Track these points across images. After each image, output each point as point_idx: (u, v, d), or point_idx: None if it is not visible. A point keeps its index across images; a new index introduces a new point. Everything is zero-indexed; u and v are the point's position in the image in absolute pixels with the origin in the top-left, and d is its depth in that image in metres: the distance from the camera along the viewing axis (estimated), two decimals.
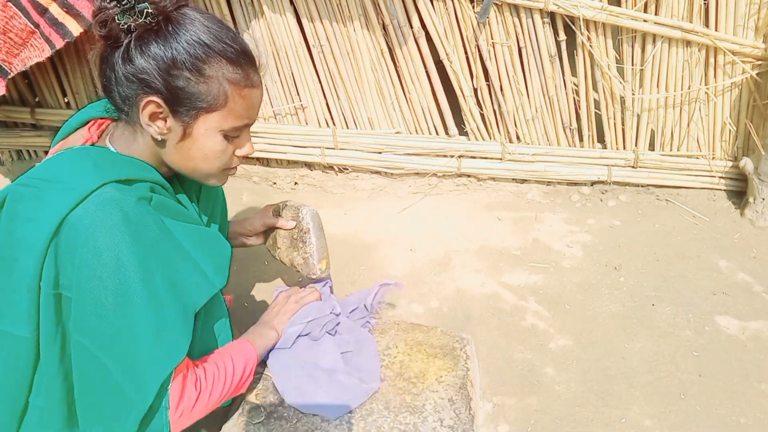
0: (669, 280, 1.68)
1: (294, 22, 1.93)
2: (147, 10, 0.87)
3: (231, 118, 0.96)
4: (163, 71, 0.89)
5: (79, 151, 0.95)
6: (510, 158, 2.02)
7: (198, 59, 0.90)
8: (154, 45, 0.89)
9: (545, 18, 1.82)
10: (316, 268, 1.33)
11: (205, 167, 1.01)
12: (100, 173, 0.89)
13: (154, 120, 0.93)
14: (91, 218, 0.85)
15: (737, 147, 1.96)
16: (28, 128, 2.22)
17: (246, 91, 0.96)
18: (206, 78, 0.91)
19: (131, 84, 0.91)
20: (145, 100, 0.91)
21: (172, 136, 0.96)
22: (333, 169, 2.13)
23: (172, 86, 0.90)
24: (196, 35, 0.90)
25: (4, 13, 1.62)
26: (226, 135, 0.98)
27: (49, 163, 0.93)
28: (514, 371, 1.41)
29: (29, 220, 0.87)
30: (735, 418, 1.29)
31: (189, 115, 0.93)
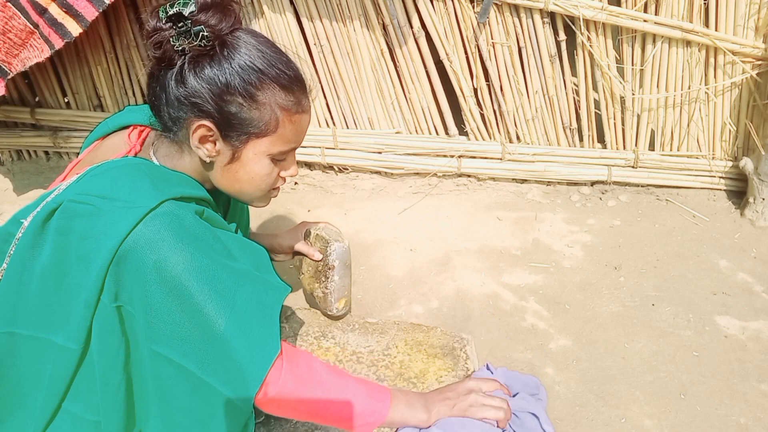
0: (669, 280, 1.68)
1: (294, 22, 1.93)
2: (203, 33, 0.87)
3: (280, 143, 0.97)
4: (216, 96, 0.90)
5: (133, 167, 0.94)
6: (510, 158, 2.02)
7: (251, 85, 0.91)
8: (209, 69, 0.89)
9: (545, 18, 1.82)
10: (333, 306, 1.34)
11: (251, 190, 1.01)
12: (159, 191, 0.89)
13: (203, 143, 0.94)
14: (155, 234, 0.85)
15: (737, 147, 1.96)
16: (28, 128, 2.22)
17: (296, 117, 0.96)
18: (259, 104, 0.92)
19: (182, 106, 0.91)
20: (197, 123, 0.92)
21: (221, 159, 0.97)
22: (333, 169, 2.13)
23: (224, 111, 0.91)
24: (251, 60, 0.91)
25: (4, 14, 1.62)
26: (274, 159, 0.98)
27: (102, 179, 0.92)
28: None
29: (85, 237, 0.86)
30: (735, 418, 1.29)
31: (239, 140, 0.94)
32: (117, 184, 0.90)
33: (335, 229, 1.36)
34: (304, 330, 1.37)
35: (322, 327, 1.38)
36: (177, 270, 0.85)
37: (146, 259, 0.84)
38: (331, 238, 1.31)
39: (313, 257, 1.33)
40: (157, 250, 0.84)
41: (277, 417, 1.14)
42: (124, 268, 0.85)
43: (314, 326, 1.38)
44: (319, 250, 1.32)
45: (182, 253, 0.86)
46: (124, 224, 0.84)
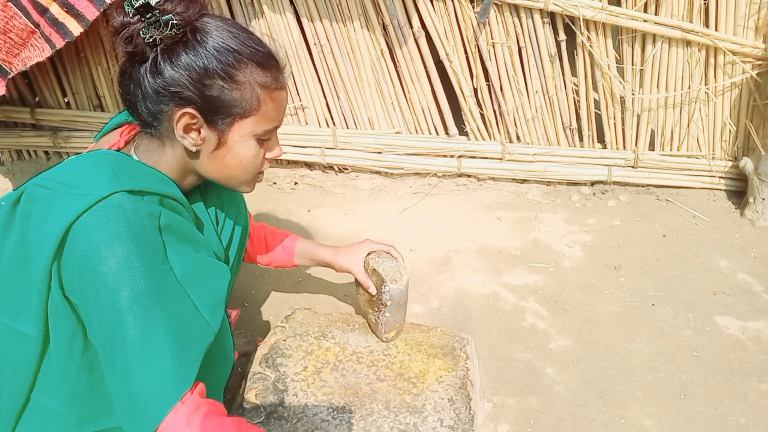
0: (669, 280, 1.68)
1: (294, 22, 1.93)
2: (172, 21, 0.86)
3: (264, 122, 0.96)
4: (196, 81, 0.89)
5: (100, 156, 0.94)
6: (510, 158, 2.02)
7: (230, 66, 0.90)
8: (184, 56, 0.88)
9: (545, 18, 1.82)
10: (383, 336, 1.34)
11: (239, 173, 1.00)
12: (117, 181, 0.88)
13: (188, 132, 0.93)
14: (97, 224, 0.83)
15: (737, 147, 1.96)
16: (28, 128, 2.22)
17: (276, 94, 0.96)
18: (239, 84, 0.92)
19: (162, 98, 0.90)
20: (180, 112, 0.90)
21: (207, 146, 0.96)
22: (333, 169, 2.13)
23: (206, 95, 0.90)
24: (224, 42, 0.90)
25: (5, 13, 1.62)
26: (259, 139, 0.98)
27: (68, 166, 0.92)
28: (514, 371, 1.41)
29: (41, 221, 0.86)
30: (735, 418, 1.29)
31: (224, 123, 0.93)
32: (78, 172, 0.90)
33: (394, 264, 1.31)
34: (304, 330, 1.37)
35: (322, 327, 1.39)
36: (107, 264, 0.82)
37: (82, 247, 0.83)
38: (388, 277, 1.27)
39: (368, 290, 1.32)
40: (94, 240, 0.83)
41: (277, 417, 1.14)
42: (67, 255, 0.84)
43: (314, 326, 1.38)
44: (375, 283, 1.31)
45: (117, 249, 0.83)
46: (72, 211, 0.84)
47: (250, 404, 1.16)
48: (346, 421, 1.14)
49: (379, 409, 1.17)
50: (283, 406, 1.17)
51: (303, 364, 1.27)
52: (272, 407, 1.16)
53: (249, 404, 1.16)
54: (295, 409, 1.16)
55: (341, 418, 1.14)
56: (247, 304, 1.62)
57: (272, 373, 1.24)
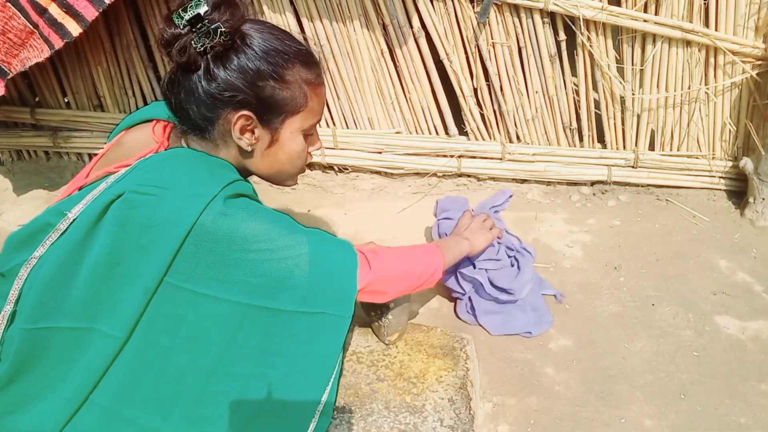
0: (669, 280, 1.68)
1: (294, 22, 1.93)
2: (221, 30, 0.90)
3: (310, 117, 1.03)
4: (250, 83, 0.94)
5: (188, 156, 0.99)
6: (510, 158, 2.02)
7: (279, 66, 0.96)
8: (236, 60, 0.93)
9: (545, 18, 1.82)
10: (386, 339, 1.33)
11: (290, 168, 1.07)
12: (216, 178, 0.94)
13: (243, 133, 0.99)
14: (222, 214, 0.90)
15: (737, 147, 1.96)
16: (28, 128, 2.22)
17: (319, 89, 1.03)
18: (288, 83, 0.98)
19: (217, 102, 0.95)
20: (237, 115, 0.96)
21: (260, 145, 1.02)
22: (333, 169, 2.13)
23: (260, 97, 0.96)
24: (270, 44, 0.96)
25: (3, 14, 1.62)
26: (305, 134, 1.05)
27: (161, 169, 0.95)
28: (514, 371, 1.41)
29: (151, 226, 0.89)
30: (735, 418, 1.29)
31: (277, 122, 1.00)
32: (175, 174, 0.93)
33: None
34: None
35: None
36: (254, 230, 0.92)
37: (221, 233, 0.89)
38: None
39: None
40: (229, 224, 0.90)
41: None
42: (193, 254, 0.89)
43: None
44: None
45: (253, 221, 0.92)
46: (190, 212, 0.88)
47: None
48: (346, 421, 1.14)
49: (379, 409, 1.17)
50: None
51: None
52: None
53: None
54: None
55: (341, 418, 1.14)
56: None
57: None
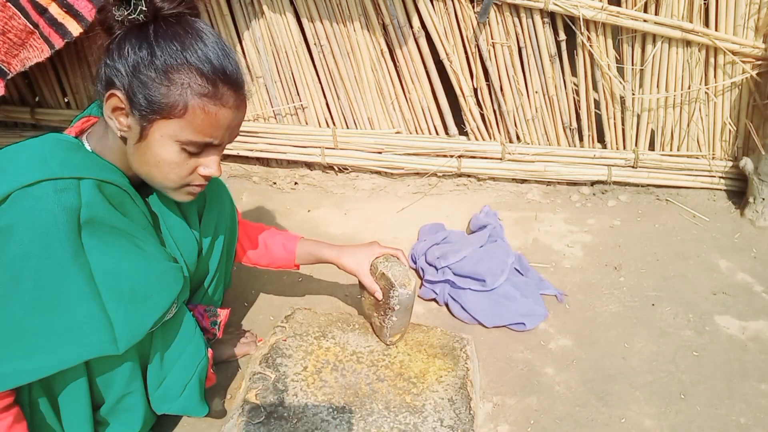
0: (669, 280, 1.68)
1: (294, 22, 1.93)
2: (141, 7, 0.88)
3: (189, 131, 0.93)
4: (132, 66, 0.90)
5: (39, 141, 0.94)
6: (510, 158, 2.02)
7: (168, 64, 0.90)
8: (133, 41, 0.90)
9: (545, 18, 1.82)
10: (387, 339, 1.33)
11: (158, 176, 0.98)
12: (47, 168, 0.88)
13: (115, 114, 0.94)
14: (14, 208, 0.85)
15: (737, 147, 1.96)
16: (28, 128, 2.22)
17: (212, 108, 0.93)
18: (171, 83, 0.90)
19: (105, 76, 0.93)
20: (110, 92, 0.92)
21: (131, 135, 0.95)
22: (333, 169, 2.13)
23: (134, 82, 0.90)
24: (179, 42, 0.90)
25: (4, 14, 1.62)
26: (184, 147, 0.95)
27: (10, 151, 0.93)
28: (514, 371, 1.41)
29: None
30: (735, 418, 1.29)
31: (145, 118, 0.92)
32: (14, 157, 0.91)
33: (403, 267, 1.30)
34: (304, 330, 1.37)
35: (322, 327, 1.38)
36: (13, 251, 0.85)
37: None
38: (397, 282, 1.26)
39: (374, 295, 1.30)
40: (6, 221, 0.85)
41: (277, 417, 1.14)
42: None
43: (314, 326, 1.38)
44: (382, 288, 1.29)
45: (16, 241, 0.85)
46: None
47: (250, 404, 1.16)
48: (346, 421, 1.14)
49: (379, 409, 1.17)
50: (283, 406, 1.17)
51: (303, 364, 1.27)
52: (272, 407, 1.16)
53: (249, 404, 1.16)
54: (295, 409, 1.16)
55: (341, 418, 1.14)
56: (246, 304, 1.62)
57: (272, 373, 1.23)
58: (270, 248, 1.38)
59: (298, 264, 1.39)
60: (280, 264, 1.40)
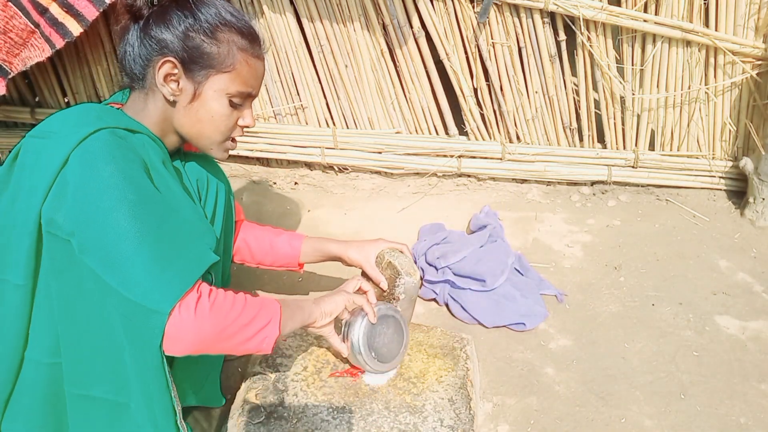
0: (669, 280, 1.68)
1: (294, 22, 1.93)
2: None
3: (238, 82, 1.03)
4: (181, 33, 0.99)
5: (86, 105, 1.01)
6: (510, 158, 2.02)
7: (212, 25, 1.00)
8: (175, 12, 0.99)
9: (545, 18, 1.82)
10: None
11: (210, 130, 1.06)
12: (99, 121, 0.93)
13: (168, 81, 1.01)
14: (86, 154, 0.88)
15: (737, 147, 1.96)
16: (28, 128, 2.21)
17: (252, 60, 1.05)
18: (218, 41, 1.01)
19: (150, 47, 0.99)
20: (162, 60, 0.99)
21: (183, 98, 1.02)
22: (333, 169, 2.13)
23: (187, 47, 0.99)
24: (214, 8, 1.01)
25: (5, 13, 1.62)
26: (231, 101, 1.04)
27: (58, 115, 0.98)
28: (514, 371, 1.41)
29: (35, 169, 0.90)
30: (735, 418, 1.29)
31: (201, 75, 1.01)
32: (66, 119, 0.95)
33: (408, 259, 1.32)
34: (304, 330, 1.37)
35: None
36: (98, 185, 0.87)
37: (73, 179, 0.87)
38: (403, 270, 1.28)
39: (379, 285, 1.30)
40: (83, 169, 0.88)
41: (277, 417, 1.14)
42: (59, 191, 0.88)
43: None
44: (388, 278, 1.30)
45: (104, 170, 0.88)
46: (62, 152, 0.88)
47: (250, 404, 1.16)
48: (346, 421, 1.14)
49: (379, 409, 1.17)
50: (283, 406, 1.17)
51: (303, 364, 1.27)
52: (272, 407, 1.16)
53: (249, 404, 1.16)
54: (295, 409, 1.16)
55: (341, 418, 1.14)
56: None
57: (272, 373, 1.24)
58: (275, 246, 1.38)
59: (303, 263, 1.39)
60: (284, 262, 1.39)
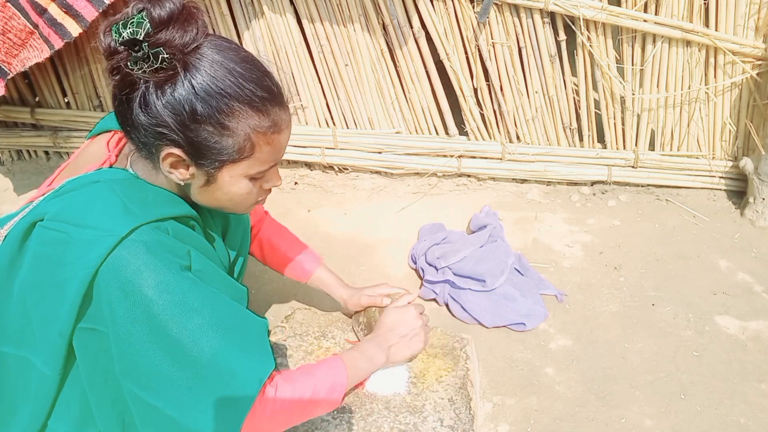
0: (669, 280, 1.68)
1: (294, 22, 1.93)
2: (162, 56, 0.79)
3: (258, 165, 0.91)
4: (181, 125, 0.83)
5: (106, 187, 0.89)
6: (510, 158, 2.02)
7: (220, 112, 0.84)
8: (170, 96, 0.82)
9: (545, 18, 1.82)
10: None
11: (232, 207, 0.98)
12: (131, 216, 0.85)
13: (176, 168, 0.89)
14: (125, 262, 0.82)
15: (737, 147, 1.96)
16: (28, 128, 2.22)
17: (273, 138, 0.90)
18: (231, 131, 0.86)
19: (148, 134, 0.85)
20: (166, 151, 0.86)
21: (196, 182, 0.92)
22: (333, 169, 2.13)
23: (192, 141, 0.85)
24: (217, 84, 0.83)
25: (3, 14, 1.62)
26: (253, 178, 0.94)
27: (76, 202, 0.89)
28: (514, 371, 1.41)
29: (61, 264, 0.83)
30: (735, 418, 1.29)
31: (213, 166, 0.89)
32: (88, 208, 0.87)
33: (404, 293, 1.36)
34: (304, 330, 1.37)
35: (322, 327, 1.38)
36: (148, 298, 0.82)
37: (115, 288, 0.82)
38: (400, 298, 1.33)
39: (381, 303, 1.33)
40: (127, 278, 0.82)
41: None
42: (96, 298, 0.83)
43: (314, 326, 1.38)
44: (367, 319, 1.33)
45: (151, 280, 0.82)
46: (96, 253, 0.82)
47: None
48: (346, 421, 1.14)
49: (379, 409, 1.17)
50: None
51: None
52: None
53: None
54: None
55: (341, 418, 1.14)
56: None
57: None
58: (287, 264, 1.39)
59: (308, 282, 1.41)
60: (291, 275, 1.41)
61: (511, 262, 1.63)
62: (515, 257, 1.67)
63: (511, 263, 1.63)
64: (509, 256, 1.64)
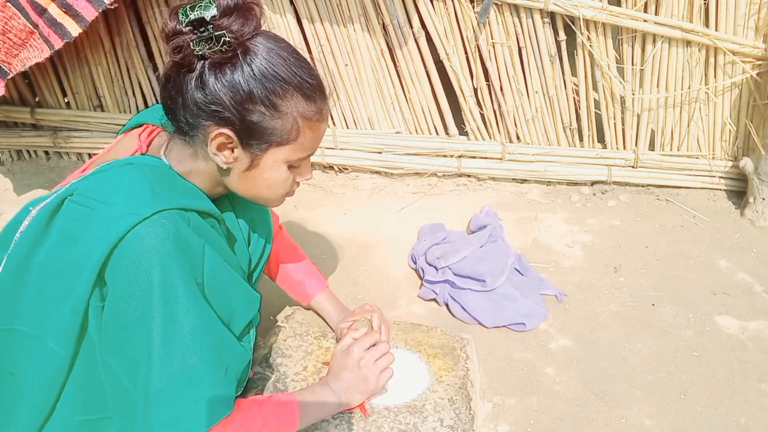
0: (669, 280, 1.68)
1: (294, 22, 1.93)
2: (224, 39, 0.84)
3: (299, 151, 0.96)
4: (238, 104, 0.88)
5: (137, 169, 0.93)
6: (510, 158, 2.02)
7: (274, 94, 0.89)
8: (230, 76, 0.87)
9: (545, 18, 1.82)
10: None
11: (268, 195, 1.01)
12: (157, 199, 0.88)
13: (221, 150, 0.93)
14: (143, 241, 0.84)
15: (737, 147, 1.96)
16: (28, 128, 2.22)
17: (316, 125, 0.96)
18: (281, 114, 0.91)
19: (201, 112, 0.89)
20: (216, 131, 0.90)
21: (238, 166, 0.96)
22: (333, 169, 2.13)
23: (246, 120, 0.89)
24: (273, 68, 0.89)
25: (3, 14, 1.62)
26: (291, 165, 0.98)
27: (106, 180, 0.91)
28: (514, 371, 1.41)
29: (80, 240, 0.86)
30: (735, 418, 1.29)
31: (259, 149, 0.93)
32: (116, 188, 0.89)
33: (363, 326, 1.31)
34: (304, 330, 1.37)
35: (322, 327, 1.38)
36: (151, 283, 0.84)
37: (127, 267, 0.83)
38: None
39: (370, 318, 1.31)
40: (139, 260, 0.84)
41: None
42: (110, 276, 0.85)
43: (314, 326, 1.38)
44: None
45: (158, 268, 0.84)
46: (115, 232, 0.84)
47: None
48: (346, 421, 1.14)
49: (379, 409, 1.17)
50: None
51: (303, 364, 1.27)
52: None
53: None
54: None
55: (341, 418, 1.14)
56: None
57: (272, 373, 1.23)
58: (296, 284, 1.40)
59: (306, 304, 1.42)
60: (293, 296, 1.42)
61: (511, 262, 1.63)
62: (515, 257, 1.67)
63: (511, 263, 1.63)
64: (509, 256, 1.64)
